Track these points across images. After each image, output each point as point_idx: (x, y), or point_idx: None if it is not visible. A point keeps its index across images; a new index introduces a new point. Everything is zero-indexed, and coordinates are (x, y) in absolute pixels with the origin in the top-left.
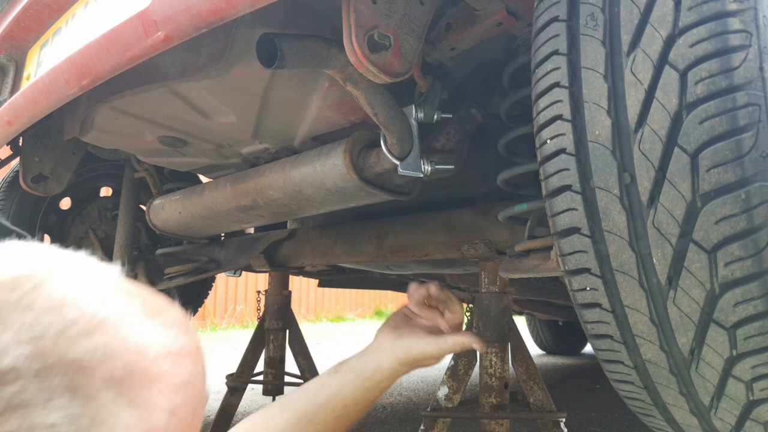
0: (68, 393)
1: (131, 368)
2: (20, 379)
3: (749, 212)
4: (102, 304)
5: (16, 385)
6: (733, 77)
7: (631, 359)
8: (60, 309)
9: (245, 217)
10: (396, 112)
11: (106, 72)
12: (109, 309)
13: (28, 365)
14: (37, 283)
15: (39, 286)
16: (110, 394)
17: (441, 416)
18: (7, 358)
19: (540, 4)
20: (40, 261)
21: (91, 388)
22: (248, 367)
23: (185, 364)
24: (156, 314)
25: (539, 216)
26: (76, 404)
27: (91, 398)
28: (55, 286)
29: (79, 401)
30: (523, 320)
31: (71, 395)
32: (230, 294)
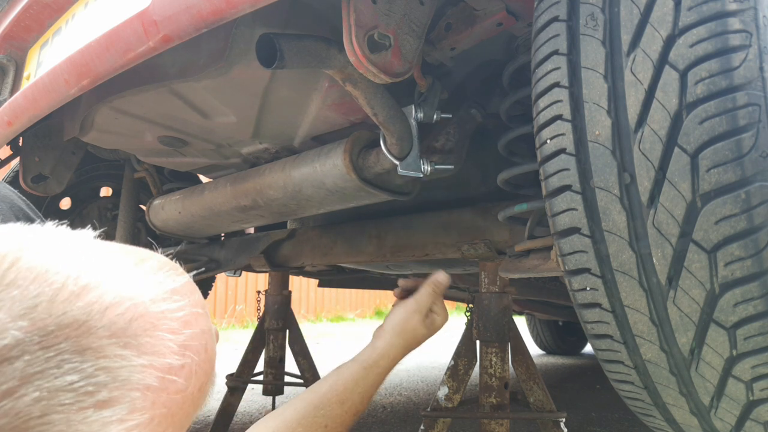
0: (77, 354)
1: (130, 316)
2: (26, 352)
3: (749, 212)
4: (84, 264)
5: (24, 358)
6: (733, 77)
7: (631, 359)
8: (44, 278)
9: (245, 217)
10: (396, 112)
11: (106, 72)
12: (93, 267)
13: (30, 338)
14: (14, 259)
15: (17, 261)
16: (117, 347)
17: (441, 416)
18: (8, 336)
19: (540, 4)
20: (10, 238)
21: (96, 345)
22: (248, 367)
23: (183, 301)
24: (140, 262)
25: (539, 216)
26: (88, 363)
27: (100, 354)
28: (32, 258)
29: (90, 359)
30: (523, 320)
31: (80, 355)
32: (230, 294)
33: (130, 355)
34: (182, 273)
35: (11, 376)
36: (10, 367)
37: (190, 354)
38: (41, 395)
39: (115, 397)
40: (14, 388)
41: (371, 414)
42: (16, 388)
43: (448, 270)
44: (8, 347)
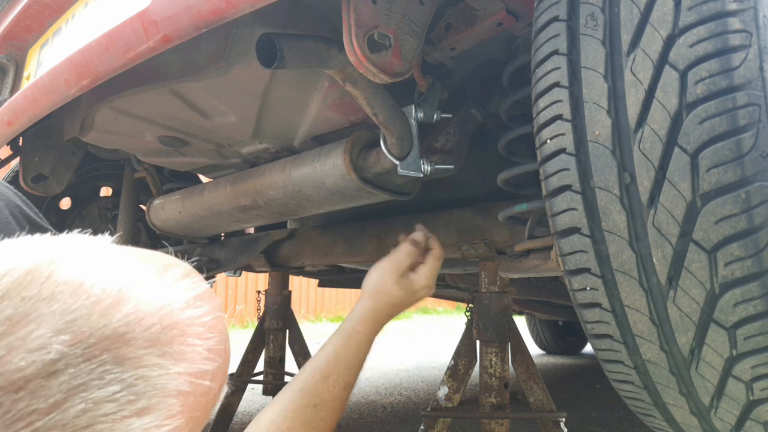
0: (117, 365)
1: (164, 325)
2: (70, 365)
3: (749, 212)
4: (116, 274)
5: (69, 371)
6: (733, 77)
7: (631, 359)
8: (81, 290)
9: (245, 217)
10: (396, 112)
11: (106, 72)
12: (124, 277)
13: (73, 351)
14: (49, 273)
15: (52, 275)
16: (154, 356)
17: (441, 416)
18: (52, 350)
19: (540, 4)
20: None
21: (135, 355)
22: (248, 367)
23: (207, 306)
24: (164, 270)
25: (539, 216)
26: (128, 372)
27: (139, 363)
28: (66, 271)
29: (129, 369)
30: (523, 320)
31: (121, 366)
32: (230, 294)
33: (167, 363)
34: (202, 279)
35: (58, 390)
36: (56, 380)
37: (215, 357)
38: (87, 406)
39: (154, 404)
40: (61, 401)
41: (371, 414)
42: (62, 400)
43: (448, 270)
44: (53, 361)
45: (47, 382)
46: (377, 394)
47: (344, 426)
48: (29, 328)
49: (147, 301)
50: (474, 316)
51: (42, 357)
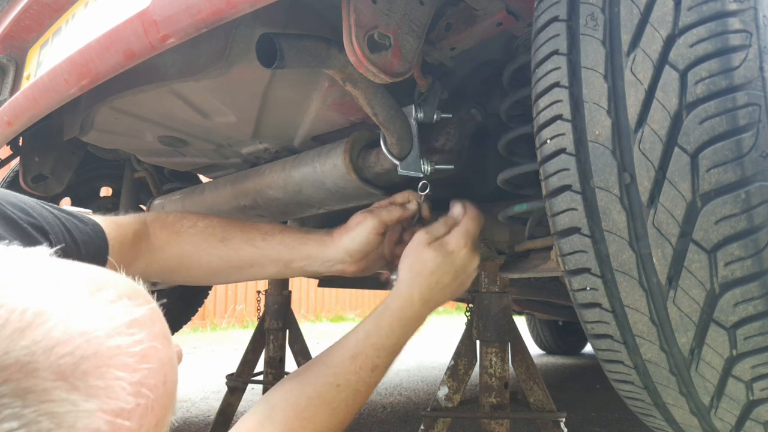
0: (18, 398)
1: (80, 355)
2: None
3: (749, 212)
4: (33, 295)
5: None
6: (733, 77)
7: (631, 359)
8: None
9: (245, 217)
10: (396, 112)
11: (106, 72)
12: (41, 299)
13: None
14: None
15: None
16: (63, 391)
17: (441, 416)
18: None
19: (540, 4)
20: None
21: (40, 388)
22: (248, 367)
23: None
24: (97, 291)
25: (539, 216)
26: (30, 408)
27: (45, 398)
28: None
29: (32, 404)
30: (523, 320)
31: (21, 400)
32: (230, 294)
33: (78, 399)
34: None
35: None
36: None
37: (146, 392)
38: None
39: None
40: None
41: (371, 414)
42: None
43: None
44: None
45: None
46: (377, 394)
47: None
48: None
49: (63, 326)
50: (474, 316)
51: None
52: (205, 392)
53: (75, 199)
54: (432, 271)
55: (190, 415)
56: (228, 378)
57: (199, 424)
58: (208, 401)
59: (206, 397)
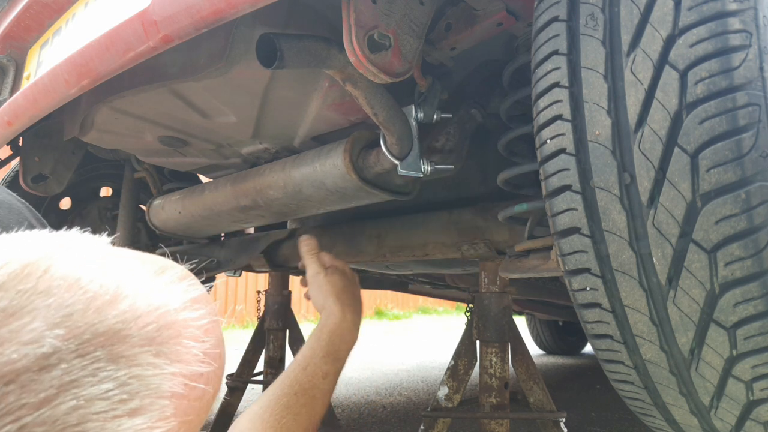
0: (111, 362)
1: (160, 325)
2: (63, 360)
3: (749, 212)
4: (114, 273)
5: (62, 366)
6: (733, 77)
7: (631, 359)
8: (78, 286)
9: (245, 217)
10: (396, 112)
11: (106, 72)
12: (121, 276)
13: (67, 346)
14: (46, 267)
15: (49, 269)
16: (149, 355)
17: (441, 416)
18: (46, 344)
19: (540, 4)
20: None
21: (130, 353)
22: (248, 367)
23: (203, 310)
24: (161, 272)
25: (539, 216)
26: (122, 371)
27: (133, 362)
28: (64, 266)
29: (123, 367)
30: (523, 320)
31: (115, 364)
32: (230, 294)
33: (162, 363)
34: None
35: (49, 385)
36: (47, 375)
37: (211, 361)
38: (78, 403)
39: (146, 405)
40: (52, 396)
41: (371, 414)
42: (54, 396)
43: (448, 270)
44: (45, 355)
45: (39, 376)
46: (377, 394)
47: (344, 426)
48: (23, 321)
49: (144, 300)
50: (474, 316)
51: (35, 350)
52: None
53: (75, 200)
54: (344, 286)
55: None
56: (228, 378)
57: None
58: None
59: None
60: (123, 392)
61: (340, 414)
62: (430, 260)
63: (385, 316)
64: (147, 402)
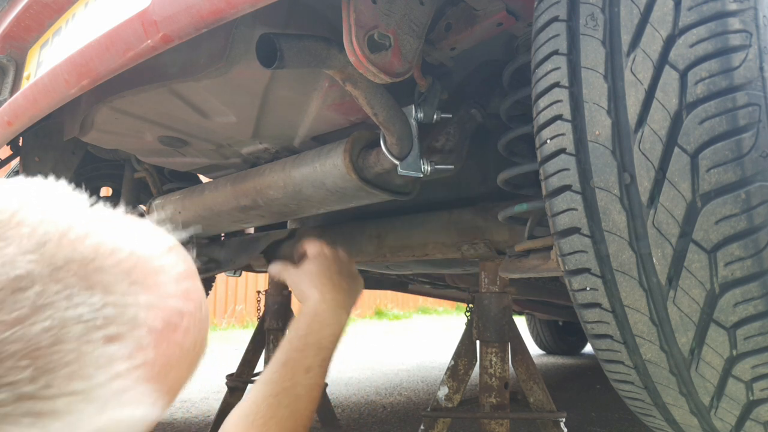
0: (86, 289)
1: (136, 259)
2: (36, 282)
3: (749, 212)
4: (89, 213)
5: (35, 288)
6: (733, 77)
7: (631, 359)
8: (53, 219)
9: (245, 217)
10: (396, 112)
11: (106, 72)
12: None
13: (40, 269)
14: (22, 203)
15: (25, 205)
16: (124, 284)
17: (441, 416)
18: (18, 267)
19: (540, 4)
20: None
21: (105, 281)
22: (248, 367)
23: (180, 257)
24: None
25: (539, 216)
26: (97, 297)
27: (109, 290)
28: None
29: (98, 294)
30: (523, 320)
31: (89, 290)
32: (230, 294)
33: (137, 291)
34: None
35: (23, 305)
36: (21, 295)
37: (190, 305)
38: (52, 324)
39: (123, 332)
40: (26, 315)
41: (371, 414)
42: (27, 315)
43: (448, 270)
44: (19, 278)
45: (13, 296)
46: (377, 394)
47: (344, 426)
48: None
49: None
50: (474, 316)
51: (8, 272)
52: (205, 392)
53: None
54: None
55: (190, 415)
56: (228, 378)
57: (199, 424)
58: (208, 401)
59: (206, 398)
60: (98, 318)
61: (340, 414)
62: (430, 260)
63: (385, 316)
64: (123, 330)
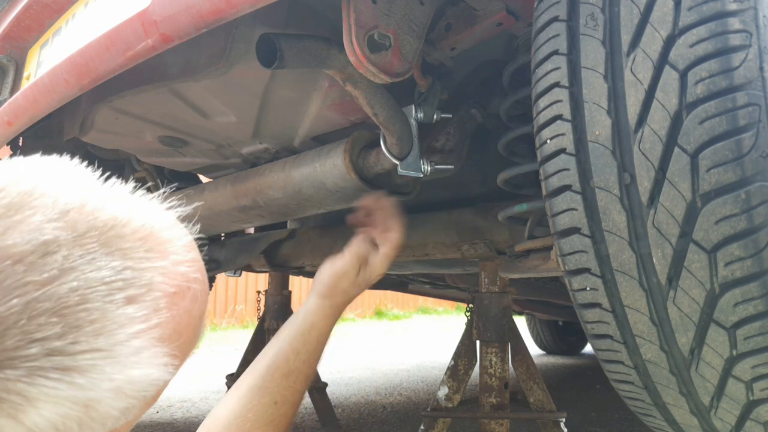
0: (107, 254)
1: (149, 228)
2: (62, 247)
3: (749, 212)
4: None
5: (62, 252)
6: (733, 77)
7: (631, 359)
8: (73, 190)
9: (245, 217)
10: (396, 112)
11: (106, 72)
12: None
13: (65, 235)
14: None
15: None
16: (141, 251)
17: (441, 416)
18: (46, 233)
19: (540, 4)
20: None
21: (124, 247)
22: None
23: (186, 231)
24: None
25: (539, 216)
26: (117, 261)
27: (127, 255)
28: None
29: (117, 258)
30: (523, 320)
31: (110, 255)
32: (230, 294)
33: (153, 257)
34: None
35: (52, 267)
36: (50, 258)
37: (197, 275)
38: (79, 284)
39: (141, 294)
40: (55, 276)
41: (371, 414)
42: (56, 276)
43: (448, 270)
44: (47, 242)
45: (42, 259)
46: (377, 394)
47: (344, 426)
48: (25, 214)
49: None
50: (474, 316)
51: (37, 237)
52: (205, 392)
53: None
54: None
55: (190, 415)
56: (228, 378)
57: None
58: (208, 401)
59: (206, 398)
60: (118, 280)
61: (340, 414)
62: (430, 260)
63: (385, 316)
64: (141, 292)
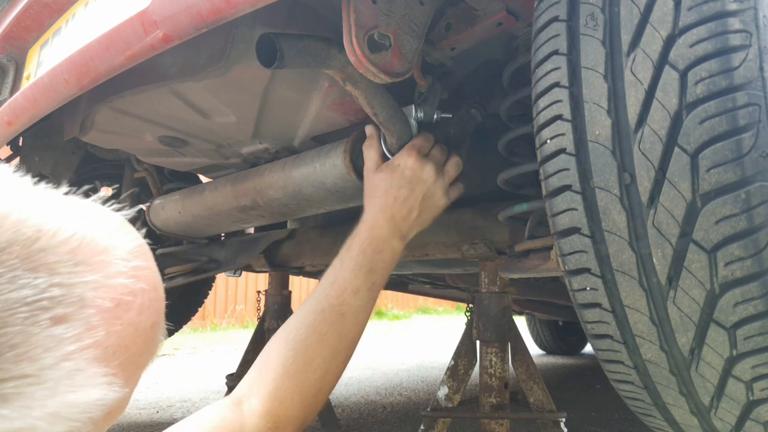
0: (30, 270)
1: (81, 238)
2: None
3: (749, 212)
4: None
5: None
6: (733, 77)
7: (631, 359)
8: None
9: (245, 217)
10: (396, 112)
11: (106, 72)
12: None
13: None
14: None
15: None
16: (69, 265)
17: (441, 416)
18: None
19: (540, 4)
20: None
21: (49, 262)
22: (248, 367)
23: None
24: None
25: (539, 216)
26: (42, 277)
27: (54, 270)
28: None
29: (42, 275)
30: (523, 320)
31: (33, 271)
32: (230, 294)
33: (83, 271)
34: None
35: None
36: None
37: (141, 285)
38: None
39: (70, 313)
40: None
41: (371, 414)
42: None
43: (448, 270)
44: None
45: None
46: (377, 394)
47: (344, 426)
48: None
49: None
50: (474, 316)
51: None
52: (205, 392)
53: None
54: (385, 189)
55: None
56: (228, 378)
57: None
58: (208, 401)
59: (206, 398)
60: (43, 299)
61: (340, 414)
62: (430, 260)
63: (385, 316)
64: (71, 310)
